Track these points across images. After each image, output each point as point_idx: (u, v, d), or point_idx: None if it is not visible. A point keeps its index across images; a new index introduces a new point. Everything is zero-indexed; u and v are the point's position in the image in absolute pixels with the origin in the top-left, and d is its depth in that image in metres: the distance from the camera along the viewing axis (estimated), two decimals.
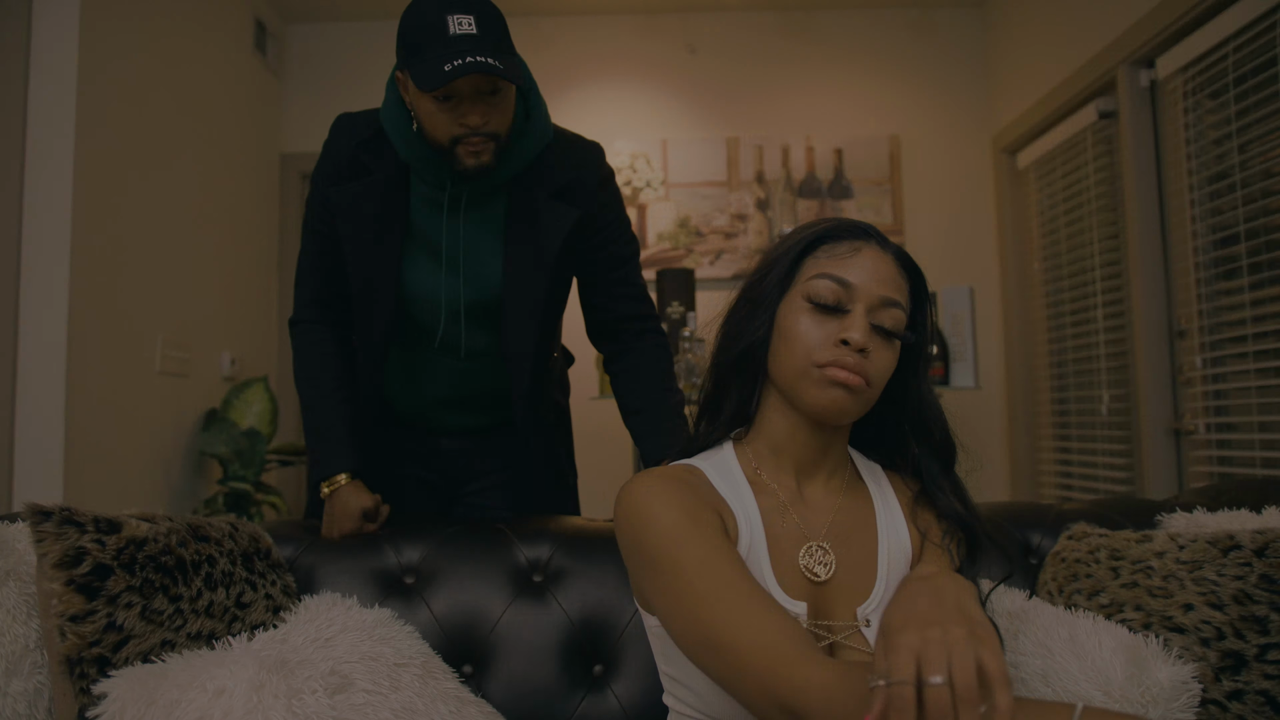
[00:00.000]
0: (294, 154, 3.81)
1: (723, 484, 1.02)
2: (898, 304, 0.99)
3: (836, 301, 0.98)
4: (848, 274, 0.99)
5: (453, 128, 1.34)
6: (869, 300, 0.98)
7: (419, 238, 1.48)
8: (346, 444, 1.48)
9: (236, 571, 1.17)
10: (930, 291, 3.11)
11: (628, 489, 0.97)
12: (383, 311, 1.48)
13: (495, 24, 1.32)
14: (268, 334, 3.63)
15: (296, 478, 3.69)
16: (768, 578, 0.96)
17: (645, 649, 1.32)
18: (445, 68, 1.26)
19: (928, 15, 3.86)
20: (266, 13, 3.65)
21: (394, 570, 1.39)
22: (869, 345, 0.96)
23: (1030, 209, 3.57)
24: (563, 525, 1.45)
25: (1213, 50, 2.43)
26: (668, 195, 3.79)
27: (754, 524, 0.98)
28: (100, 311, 2.51)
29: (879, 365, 0.97)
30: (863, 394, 0.97)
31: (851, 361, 0.95)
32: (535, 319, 1.49)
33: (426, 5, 1.31)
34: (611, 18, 3.87)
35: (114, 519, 1.03)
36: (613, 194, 1.55)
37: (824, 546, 0.99)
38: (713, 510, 0.95)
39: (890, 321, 0.98)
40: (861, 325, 0.96)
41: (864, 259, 1.00)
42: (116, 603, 0.98)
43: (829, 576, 0.98)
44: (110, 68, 2.56)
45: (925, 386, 1.05)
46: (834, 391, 0.96)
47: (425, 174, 1.44)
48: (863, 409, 0.99)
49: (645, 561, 0.92)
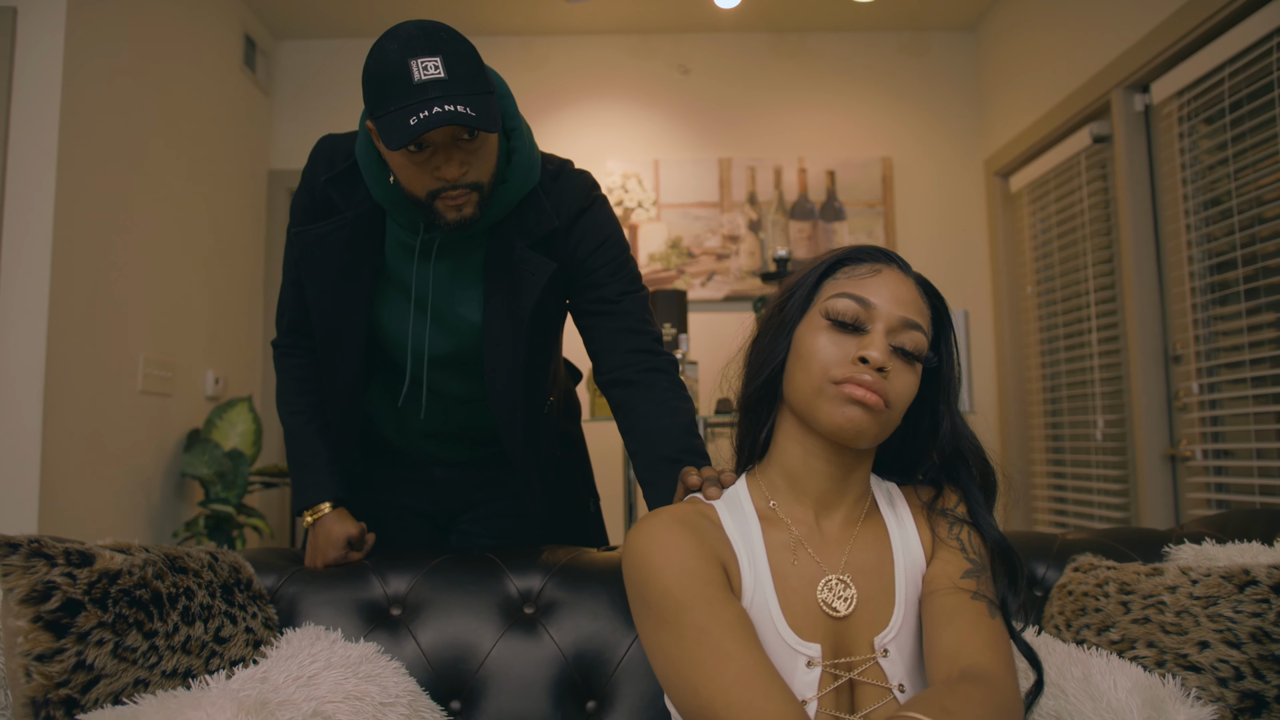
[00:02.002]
0: (282, 170, 3.77)
1: (731, 521, 0.99)
2: (918, 327, 0.97)
3: (856, 320, 0.96)
4: (867, 293, 0.97)
5: (429, 181, 1.22)
6: (889, 321, 0.96)
7: (393, 279, 1.39)
8: (329, 472, 1.43)
9: (216, 604, 1.12)
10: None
11: (635, 533, 0.95)
12: (348, 360, 1.39)
13: (465, 62, 1.18)
14: (253, 353, 3.58)
15: (280, 500, 3.63)
16: (777, 621, 0.93)
17: (640, 684, 1.27)
18: (410, 120, 1.13)
19: (920, 38, 3.86)
20: (256, 29, 3.62)
21: (380, 601, 1.34)
22: (888, 365, 0.93)
23: (1023, 232, 3.57)
24: (555, 555, 1.41)
25: (1208, 75, 2.43)
26: (659, 216, 3.77)
27: (759, 568, 0.96)
28: (81, 329, 2.46)
29: (899, 387, 0.95)
30: (881, 415, 0.94)
31: (870, 379, 0.93)
32: (519, 379, 1.39)
33: (387, 49, 1.17)
34: (604, 37, 3.86)
35: (86, 551, 0.98)
36: (591, 223, 1.39)
37: (844, 580, 0.96)
38: (718, 564, 0.93)
39: (911, 344, 0.96)
40: (881, 344, 0.94)
41: (884, 280, 0.98)
42: (87, 640, 0.93)
43: (850, 611, 0.95)
44: (95, 81, 2.52)
45: (958, 415, 1.02)
46: (851, 409, 0.93)
47: (399, 216, 1.34)
48: (881, 433, 0.96)
49: (647, 613, 0.91)
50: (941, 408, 1.02)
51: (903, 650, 0.94)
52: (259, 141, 3.70)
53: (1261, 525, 1.37)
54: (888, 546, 1.00)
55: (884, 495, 1.06)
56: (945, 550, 1.00)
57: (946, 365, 1.02)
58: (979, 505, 1.02)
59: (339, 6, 3.59)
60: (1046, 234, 3.38)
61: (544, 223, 1.35)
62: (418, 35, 1.17)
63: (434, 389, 1.44)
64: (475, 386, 1.45)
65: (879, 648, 0.94)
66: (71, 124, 2.41)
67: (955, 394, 1.03)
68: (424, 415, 1.45)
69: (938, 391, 1.02)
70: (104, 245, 2.57)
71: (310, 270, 1.37)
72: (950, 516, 1.02)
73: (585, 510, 1.67)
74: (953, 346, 1.03)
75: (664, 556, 0.91)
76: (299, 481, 1.43)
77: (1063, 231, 3.24)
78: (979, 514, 1.01)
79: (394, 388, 1.48)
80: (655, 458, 1.29)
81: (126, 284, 2.68)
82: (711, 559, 0.92)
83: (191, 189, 3.09)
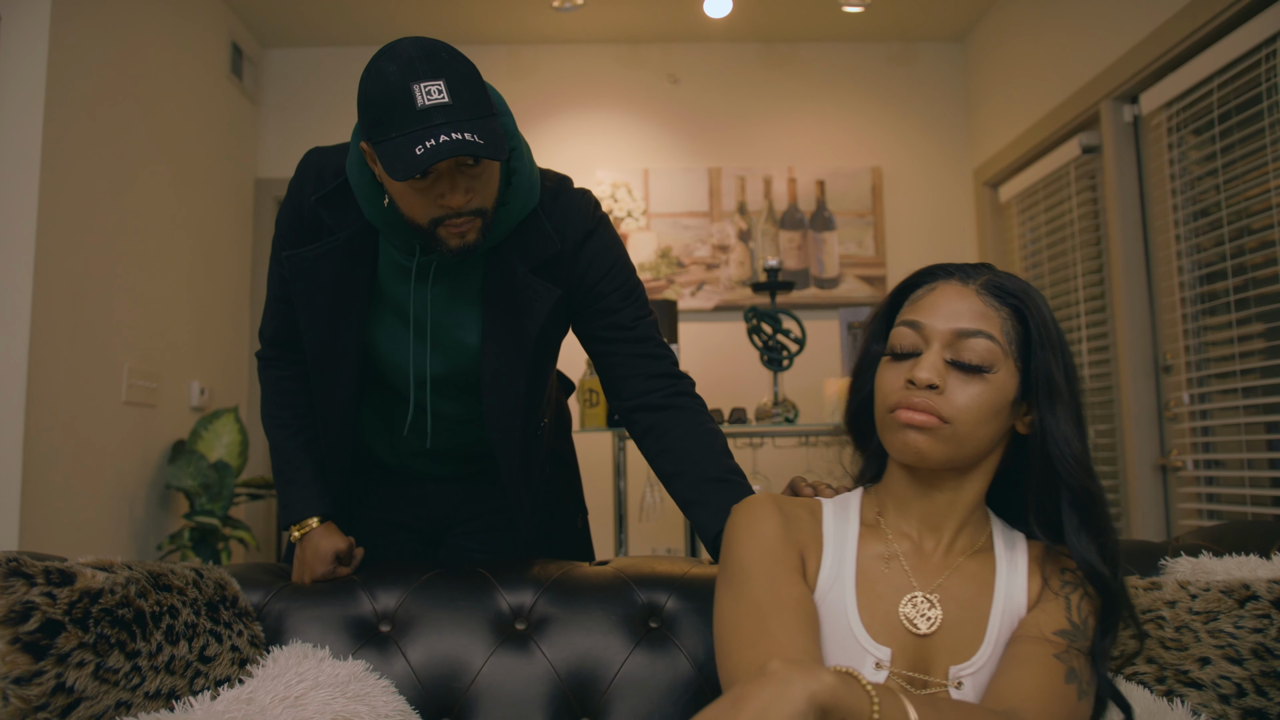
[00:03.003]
0: (269, 179, 3.74)
1: (833, 522, 1.03)
2: (980, 334, 0.94)
3: (912, 346, 0.96)
4: (920, 314, 0.97)
5: (432, 209, 1.17)
6: (943, 337, 0.94)
7: (387, 300, 1.34)
8: (316, 486, 1.40)
9: (200, 622, 1.10)
10: None
11: (738, 506, 1.03)
12: (342, 384, 1.36)
13: (469, 85, 1.13)
14: (239, 363, 3.54)
15: (266, 512, 3.59)
16: (851, 617, 0.96)
17: (634, 701, 1.25)
18: (417, 150, 1.08)
19: (909, 48, 3.87)
20: (243, 36, 3.60)
21: (369, 617, 1.32)
22: (941, 381, 0.92)
23: (1012, 242, 3.57)
24: (547, 570, 1.39)
25: (1197, 87, 2.43)
26: (649, 225, 3.76)
27: (845, 565, 0.99)
28: (64, 339, 2.42)
29: (960, 400, 0.92)
30: (941, 433, 0.92)
31: (918, 400, 0.92)
32: (518, 403, 1.36)
33: (386, 70, 1.12)
34: (594, 47, 3.85)
35: (66, 569, 0.95)
36: (596, 248, 1.35)
37: (930, 599, 0.96)
38: (796, 549, 0.98)
39: (973, 355, 0.93)
40: (930, 362, 0.93)
41: (938, 296, 0.97)
42: (67, 662, 0.90)
43: (930, 631, 0.95)
44: (80, 89, 2.49)
45: (1055, 421, 0.94)
46: (906, 434, 0.93)
47: (393, 238, 1.28)
48: (953, 450, 0.93)
49: (722, 574, 0.99)
50: (1037, 414, 0.96)
51: (977, 687, 0.93)
52: (245, 150, 3.67)
53: (1258, 537, 1.36)
54: (990, 584, 0.98)
55: (1004, 537, 1.03)
56: (1050, 601, 0.96)
57: (1040, 365, 0.95)
58: (1074, 527, 0.96)
59: (327, 14, 3.57)
60: (1036, 244, 3.39)
61: (546, 246, 1.31)
62: (419, 57, 1.12)
63: (420, 407, 1.40)
64: (468, 406, 1.42)
65: (954, 678, 0.93)
66: (55, 131, 2.38)
67: (1053, 397, 0.95)
68: (429, 442, 1.41)
69: (1033, 397, 0.96)
70: (88, 254, 2.54)
71: (302, 293, 1.33)
72: (1064, 568, 0.98)
73: (574, 526, 1.65)
74: (1051, 343, 0.95)
75: (748, 529, 0.98)
76: (285, 496, 1.40)
77: (1052, 242, 3.25)
78: (1072, 539, 0.95)
79: (385, 407, 1.46)
80: (700, 478, 1.29)
81: (110, 293, 2.65)
82: (791, 543, 0.97)
83: (177, 197, 3.06)
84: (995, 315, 0.95)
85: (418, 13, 3.55)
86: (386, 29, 3.65)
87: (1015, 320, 0.96)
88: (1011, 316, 0.96)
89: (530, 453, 1.44)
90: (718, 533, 1.23)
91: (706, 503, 1.27)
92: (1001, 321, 0.95)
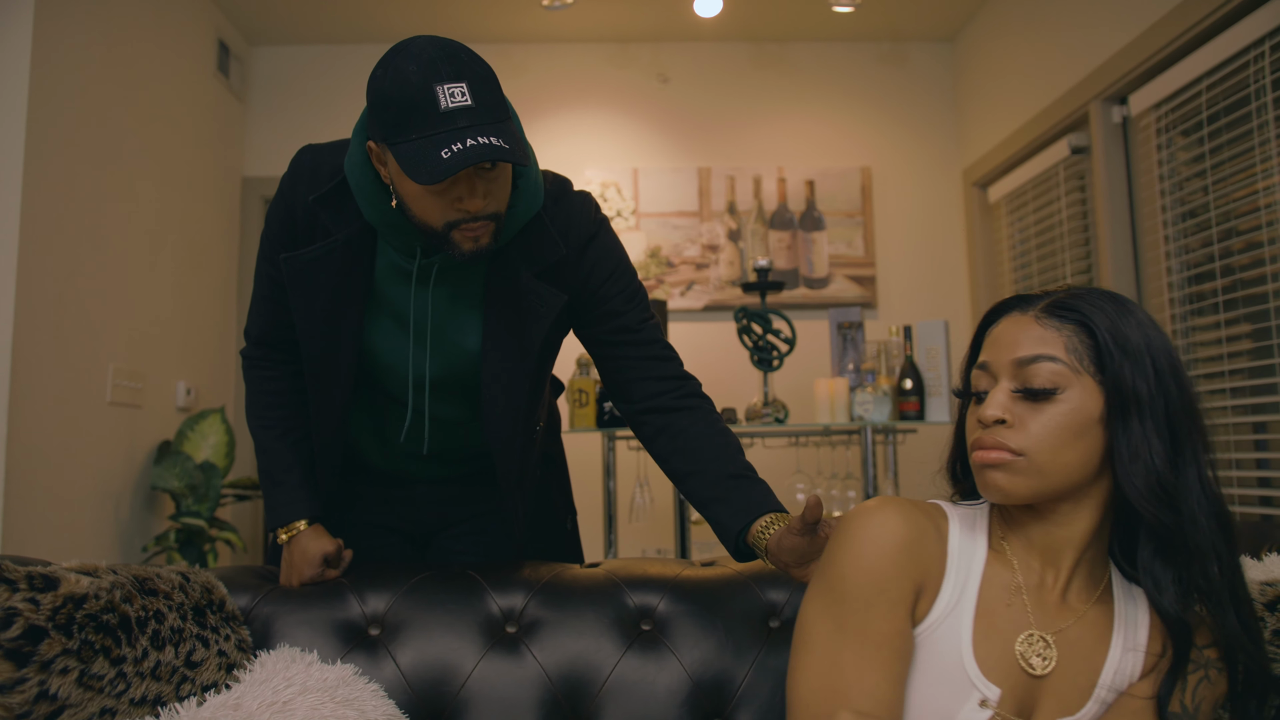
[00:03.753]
0: (256, 178, 3.71)
1: (959, 540, 0.95)
2: (1042, 357, 0.90)
3: (985, 387, 0.94)
4: (985, 355, 0.95)
5: (449, 212, 1.15)
6: (1007, 370, 0.92)
7: (384, 303, 1.33)
8: (304, 489, 1.39)
9: (187, 627, 1.08)
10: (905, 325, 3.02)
11: (864, 509, 0.94)
12: (338, 388, 1.34)
13: (489, 87, 1.12)
14: (226, 363, 3.52)
15: (254, 512, 3.57)
16: (964, 649, 0.90)
17: (626, 705, 1.25)
18: (443, 154, 1.06)
19: (899, 48, 3.88)
20: (230, 34, 3.57)
21: (358, 621, 1.30)
22: (1008, 415, 0.89)
23: (1001, 243, 3.58)
24: (537, 572, 1.38)
25: (1186, 88, 2.44)
26: (638, 225, 3.75)
27: (966, 595, 0.93)
28: (48, 339, 2.39)
29: (1033, 430, 0.88)
30: (1017, 466, 0.88)
31: (985, 439, 0.90)
32: (519, 408, 1.35)
33: (405, 69, 1.09)
34: (583, 46, 3.84)
35: (50, 574, 0.94)
36: (598, 251, 1.34)
37: (1047, 639, 0.91)
38: (910, 582, 0.90)
39: (1036, 379, 0.89)
40: (996, 398, 0.91)
41: (1000, 330, 0.96)
42: (50, 669, 0.89)
43: (1045, 673, 0.91)
44: (64, 86, 2.47)
45: (1126, 434, 0.88)
46: (985, 474, 0.91)
47: (393, 239, 1.26)
48: (1037, 482, 0.89)
49: (819, 579, 0.93)
50: (1116, 435, 0.89)
51: None
52: (232, 148, 3.64)
53: (1247, 538, 1.36)
54: (1107, 637, 0.94)
55: (1123, 586, 0.97)
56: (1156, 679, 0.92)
57: (1111, 374, 0.88)
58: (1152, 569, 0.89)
59: (314, 12, 3.55)
60: (1025, 244, 3.39)
61: (550, 250, 1.30)
62: (440, 58, 1.10)
63: (419, 411, 1.39)
64: (464, 408, 1.41)
65: None
66: (39, 129, 2.35)
67: (1128, 406, 0.88)
68: (426, 447, 1.40)
69: (1116, 415, 0.89)
70: (72, 253, 2.51)
71: (299, 296, 1.31)
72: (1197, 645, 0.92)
73: (563, 528, 1.64)
74: (1129, 351, 0.89)
75: (861, 545, 0.90)
76: (272, 499, 1.39)
77: (1041, 242, 3.25)
78: (1149, 587, 0.90)
79: (375, 408, 1.44)
80: (719, 475, 1.27)
81: (95, 293, 2.62)
82: (906, 574, 0.90)
83: (163, 196, 3.03)
84: (1057, 335, 0.91)
85: (407, 11, 3.53)
86: (375, 28, 3.63)
87: (1084, 334, 0.90)
88: (1078, 332, 0.91)
89: (526, 456, 1.43)
90: (740, 530, 1.21)
91: (728, 499, 1.24)
92: (1066, 339, 0.90)
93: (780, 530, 1.15)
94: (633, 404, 1.37)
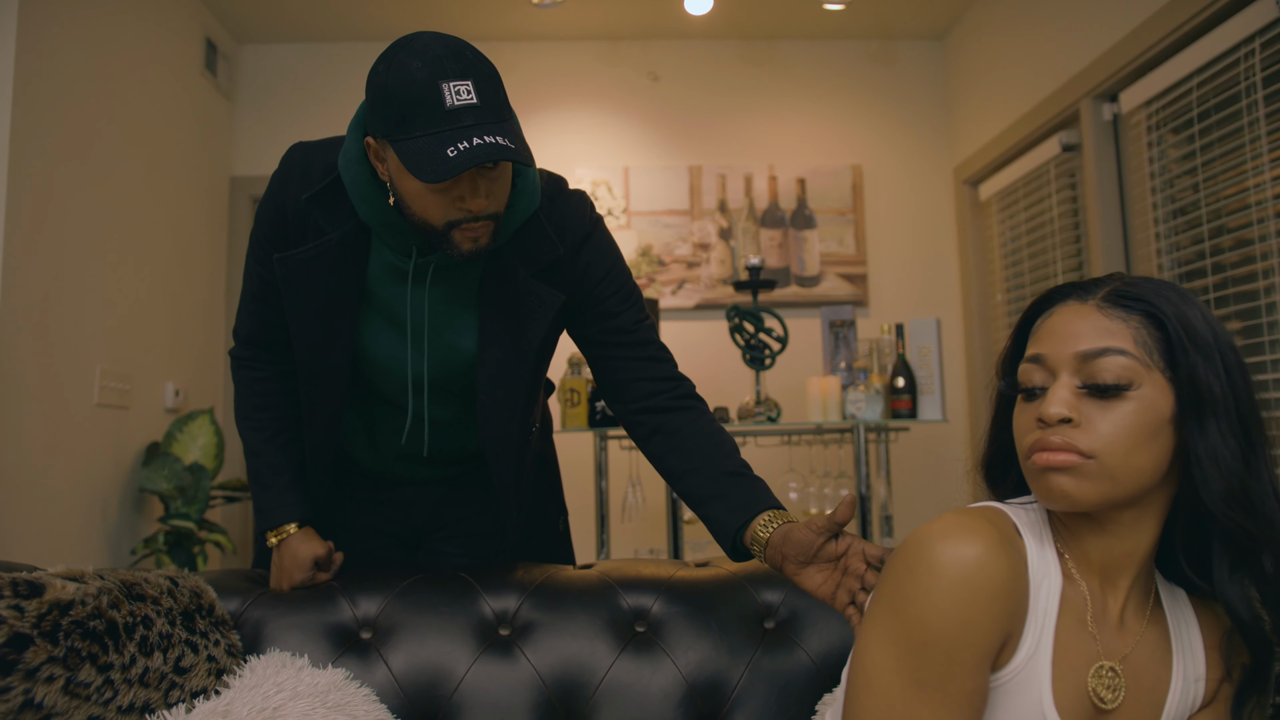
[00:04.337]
0: (245, 177, 3.69)
1: (1036, 562, 0.84)
2: (1111, 350, 0.81)
3: (1041, 381, 0.84)
4: (1040, 346, 0.85)
5: (451, 211, 1.14)
6: (1069, 364, 0.82)
7: (377, 303, 1.31)
8: (294, 492, 1.37)
9: (176, 632, 1.07)
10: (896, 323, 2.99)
11: (945, 533, 0.79)
12: (332, 390, 1.33)
13: (494, 86, 1.11)
14: (214, 363, 3.49)
15: (243, 514, 3.54)
16: (1044, 693, 0.81)
17: (621, 708, 1.24)
18: (449, 152, 1.05)
19: (889, 46, 3.87)
20: (218, 32, 3.54)
21: (349, 624, 1.29)
22: (1075, 413, 0.80)
23: (992, 240, 3.58)
24: (531, 574, 1.37)
25: (1176, 85, 2.44)
26: (629, 224, 3.74)
27: (1046, 629, 0.82)
28: (33, 341, 2.37)
29: (1103, 430, 0.80)
30: (1086, 470, 0.80)
31: (1054, 439, 0.80)
32: (516, 409, 1.34)
33: (410, 65, 1.07)
34: (574, 44, 3.82)
35: (35, 580, 0.92)
36: (593, 250, 1.33)
37: (1115, 670, 0.84)
38: (1001, 634, 0.79)
39: (1106, 374, 0.81)
40: (1059, 395, 0.81)
41: (1056, 320, 0.86)
42: (35, 677, 0.87)
43: (1115, 706, 0.83)
44: (49, 84, 2.44)
45: (1202, 435, 0.80)
46: (1049, 479, 0.81)
47: (388, 238, 1.25)
48: (1107, 488, 0.80)
49: (893, 607, 0.80)
50: (1180, 428, 0.81)
51: None
52: (220, 147, 3.62)
53: None
54: (1168, 658, 0.87)
55: (1171, 597, 0.91)
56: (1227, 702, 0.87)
57: (1184, 370, 0.81)
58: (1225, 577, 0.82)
59: (303, 10, 3.52)
60: (1016, 242, 3.40)
61: (548, 250, 1.29)
62: (445, 55, 1.09)
63: (417, 414, 1.37)
64: (458, 410, 1.39)
65: None
66: (23, 127, 2.33)
67: (1204, 405, 0.80)
68: (426, 449, 1.39)
69: (1186, 414, 0.81)
70: (57, 253, 2.49)
71: (293, 296, 1.29)
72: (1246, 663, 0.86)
73: (555, 529, 1.63)
74: (1200, 345, 0.82)
75: (949, 589, 0.77)
76: (261, 501, 1.37)
77: (1032, 240, 3.26)
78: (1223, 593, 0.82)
79: (366, 410, 1.43)
80: (716, 473, 1.25)
81: (82, 293, 2.60)
82: (998, 624, 0.78)
83: (150, 195, 3.00)
84: (1124, 327, 0.82)
85: (397, 9, 3.51)
86: (365, 26, 3.61)
87: (1151, 326, 0.82)
88: (1145, 323, 0.83)
89: (521, 458, 1.42)
90: (739, 527, 1.19)
91: (727, 496, 1.22)
92: (1134, 332, 0.82)
93: (789, 526, 1.12)
94: (626, 405, 1.36)
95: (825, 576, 1.06)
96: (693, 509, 1.27)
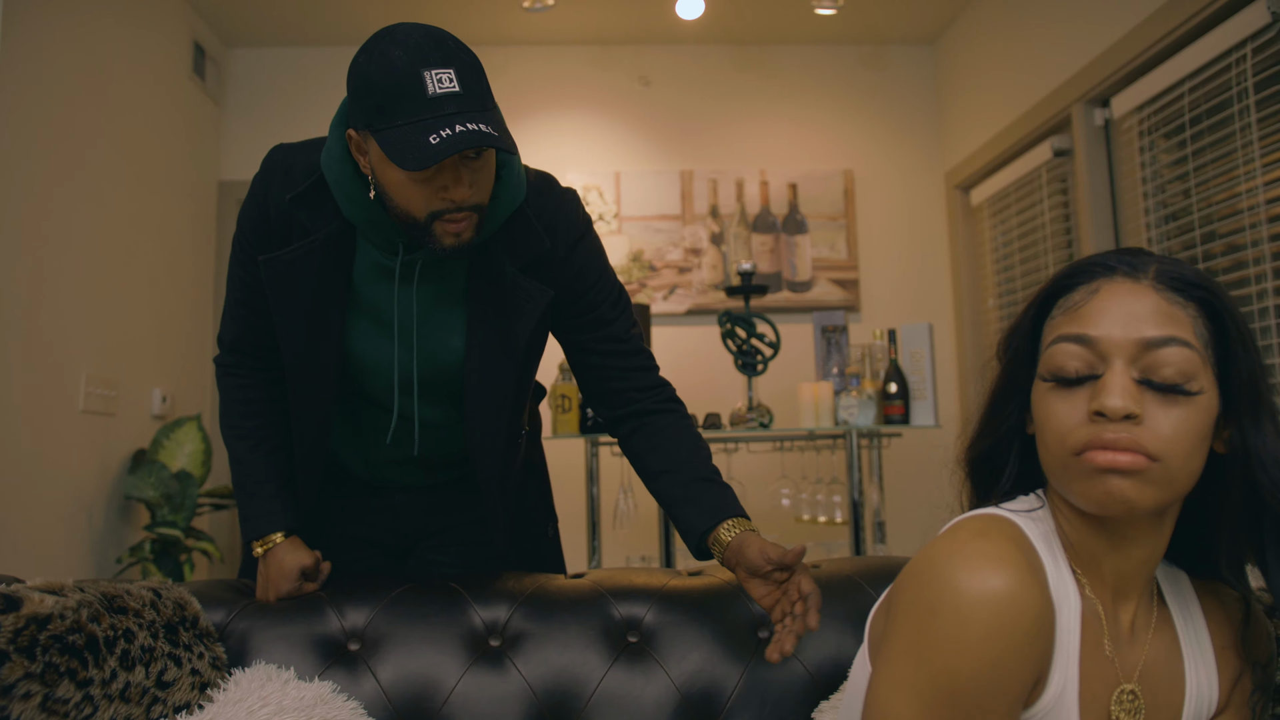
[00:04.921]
0: (232, 181, 3.66)
1: (1055, 583, 0.77)
2: (1174, 340, 0.73)
3: (1087, 368, 0.74)
4: (1087, 326, 0.75)
5: (433, 202, 1.12)
6: (1127, 350, 0.73)
7: (364, 304, 1.29)
8: (279, 500, 1.35)
9: (158, 646, 1.04)
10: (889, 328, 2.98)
11: (970, 565, 0.72)
12: (322, 394, 1.31)
13: (476, 74, 1.10)
14: (202, 369, 3.46)
15: (231, 522, 3.51)
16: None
17: (614, 719, 1.22)
18: (431, 139, 1.03)
19: (881, 51, 3.87)
20: (206, 36, 3.52)
21: (337, 636, 1.27)
22: (1138, 409, 0.71)
23: (984, 245, 3.58)
24: (521, 583, 1.35)
25: (1168, 91, 2.45)
26: (620, 229, 3.72)
27: (1070, 666, 0.76)
28: (17, 346, 2.34)
29: (1165, 430, 0.72)
30: (1150, 474, 0.71)
31: (1121, 437, 0.71)
32: (505, 408, 1.33)
33: (391, 54, 1.06)
34: (565, 48, 3.81)
35: (12, 594, 0.90)
36: (587, 252, 1.32)
37: (1135, 692, 0.79)
38: (1033, 673, 0.72)
39: (1170, 369, 0.72)
40: (1120, 385, 0.72)
41: (1107, 298, 0.75)
42: (11, 694, 0.85)
43: None
44: (35, 88, 2.41)
45: (1261, 438, 0.74)
46: (1106, 481, 0.72)
47: (374, 236, 1.23)
48: (1164, 494, 0.73)
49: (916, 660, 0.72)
50: (1236, 430, 0.75)
51: None
52: (208, 152, 3.59)
53: None
54: (1179, 659, 0.82)
55: (1173, 590, 0.86)
56: (1240, 709, 0.83)
57: (1243, 369, 0.75)
58: None
59: (291, 14, 3.50)
60: (1008, 247, 3.40)
61: (535, 244, 1.27)
62: (427, 44, 1.07)
63: (404, 414, 1.36)
64: (446, 411, 1.38)
65: None
66: (8, 131, 2.30)
67: (1260, 407, 0.74)
68: (416, 450, 1.37)
69: (1236, 413, 0.75)
70: (42, 258, 2.46)
71: (279, 298, 1.27)
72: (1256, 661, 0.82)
73: (544, 536, 1.61)
74: (1248, 341, 0.76)
75: (979, 635, 0.70)
76: (247, 511, 1.35)
77: (1024, 245, 3.26)
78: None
79: (354, 413, 1.40)
80: (691, 476, 1.28)
81: (67, 299, 2.57)
82: (1029, 666, 0.72)
83: (137, 200, 2.98)
84: (1183, 314, 0.75)
85: (385, 13, 3.48)
86: (353, 30, 3.59)
87: (1206, 318, 0.75)
88: (1201, 313, 0.75)
89: (509, 461, 1.41)
90: (705, 530, 1.22)
91: (698, 500, 1.25)
92: (1192, 321, 0.75)
93: (748, 535, 1.17)
94: (612, 410, 1.37)
95: (768, 590, 1.14)
96: (664, 507, 1.30)
